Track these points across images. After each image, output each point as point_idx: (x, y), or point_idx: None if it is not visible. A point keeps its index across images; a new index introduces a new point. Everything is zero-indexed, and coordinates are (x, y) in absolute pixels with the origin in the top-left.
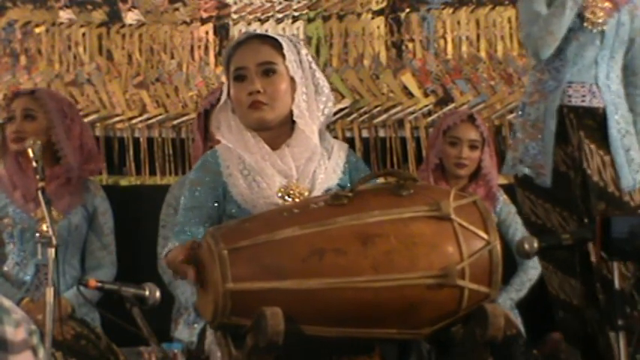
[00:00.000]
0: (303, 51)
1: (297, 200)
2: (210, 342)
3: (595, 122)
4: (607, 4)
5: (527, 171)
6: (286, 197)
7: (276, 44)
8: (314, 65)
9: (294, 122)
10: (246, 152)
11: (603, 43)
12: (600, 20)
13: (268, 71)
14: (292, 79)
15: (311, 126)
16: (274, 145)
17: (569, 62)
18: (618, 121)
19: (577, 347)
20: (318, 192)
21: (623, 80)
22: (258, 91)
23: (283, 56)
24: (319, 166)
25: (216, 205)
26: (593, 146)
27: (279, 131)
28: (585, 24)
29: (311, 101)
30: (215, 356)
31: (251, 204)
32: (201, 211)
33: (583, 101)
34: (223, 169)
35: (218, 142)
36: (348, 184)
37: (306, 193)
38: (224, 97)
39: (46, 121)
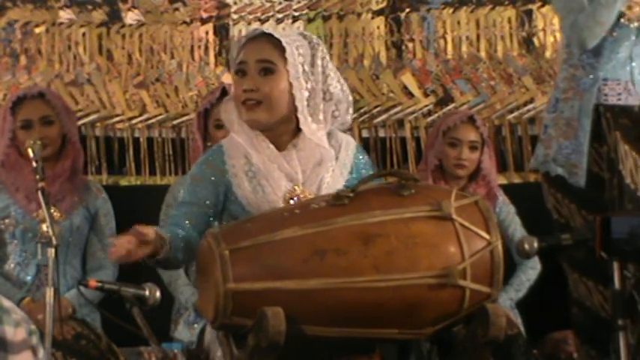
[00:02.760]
0: (320, 54)
1: None
2: (210, 340)
3: (630, 121)
4: None
5: (560, 170)
6: (291, 202)
7: (281, 45)
8: (328, 70)
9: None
10: (254, 151)
11: (638, 38)
12: (636, 16)
13: (266, 70)
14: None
15: (316, 133)
16: (279, 145)
17: (603, 59)
18: None
19: (589, 345)
20: None
21: None
22: (252, 90)
23: (286, 59)
24: (327, 170)
25: (214, 204)
26: (627, 147)
27: (282, 131)
28: (622, 20)
29: (317, 107)
30: (215, 353)
31: (256, 207)
32: (197, 208)
33: (619, 99)
34: (229, 167)
35: (217, 142)
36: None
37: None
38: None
39: (60, 122)
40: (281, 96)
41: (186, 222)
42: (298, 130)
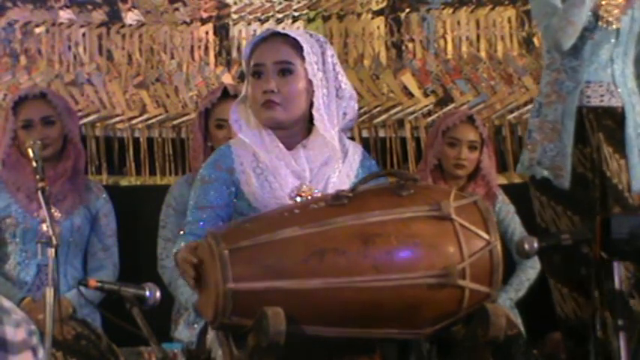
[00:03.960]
0: (329, 52)
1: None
2: (211, 341)
3: (614, 122)
4: (621, 1)
5: (545, 173)
6: (297, 199)
7: (297, 44)
8: (338, 67)
9: (311, 122)
10: (262, 150)
11: (618, 40)
12: (615, 18)
13: (285, 71)
14: (311, 82)
15: (330, 131)
16: (289, 145)
17: (585, 62)
18: (635, 120)
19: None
20: None
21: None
22: (272, 91)
23: (303, 57)
24: (334, 170)
25: (226, 204)
26: (611, 149)
27: (295, 131)
28: (600, 22)
29: (331, 104)
30: (216, 355)
31: (262, 204)
32: (210, 211)
33: (602, 101)
34: (237, 165)
35: (218, 142)
36: None
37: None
38: (244, 90)
39: (61, 122)
40: (300, 95)
41: (202, 229)
42: (309, 130)
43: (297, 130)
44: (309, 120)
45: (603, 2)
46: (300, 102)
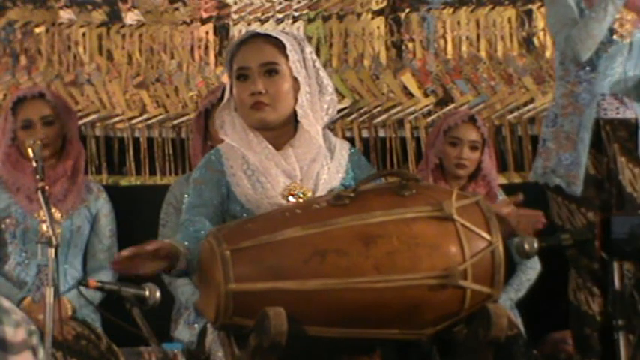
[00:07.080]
0: (307, 49)
1: (300, 201)
2: (211, 341)
3: (628, 133)
4: (631, 16)
5: (558, 181)
6: (289, 198)
7: (279, 44)
8: (317, 64)
9: (297, 122)
10: (250, 152)
11: (630, 54)
12: (628, 32)
13: (271, 71)
14: (295, 80)
15: (315, 126)
16: (277, 145)
17: (600, 75)
18: None
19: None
20: (321, 193)
21: None
22: (260, 92)
23: (286, 56)
24: (322, 167)
25: (220, 203)
26: (623, 159)
27: (282, 131)
28: (615, 36)
29: (314, 101)
30: (216, 355)
31: (255, 204)
32: (207, 209)
33: (617, 113)
34: (227, 168)
35: (218, 142)
36: (352, 183)
37: (310, 194)
38: (227, 95)
39: (60, 122)
40: (287, 94)
41: (201, 224)
42: (294, 130)
43: (285, 131)
44: (295, 120)
45: (617, 16)
46: (287, 101)
